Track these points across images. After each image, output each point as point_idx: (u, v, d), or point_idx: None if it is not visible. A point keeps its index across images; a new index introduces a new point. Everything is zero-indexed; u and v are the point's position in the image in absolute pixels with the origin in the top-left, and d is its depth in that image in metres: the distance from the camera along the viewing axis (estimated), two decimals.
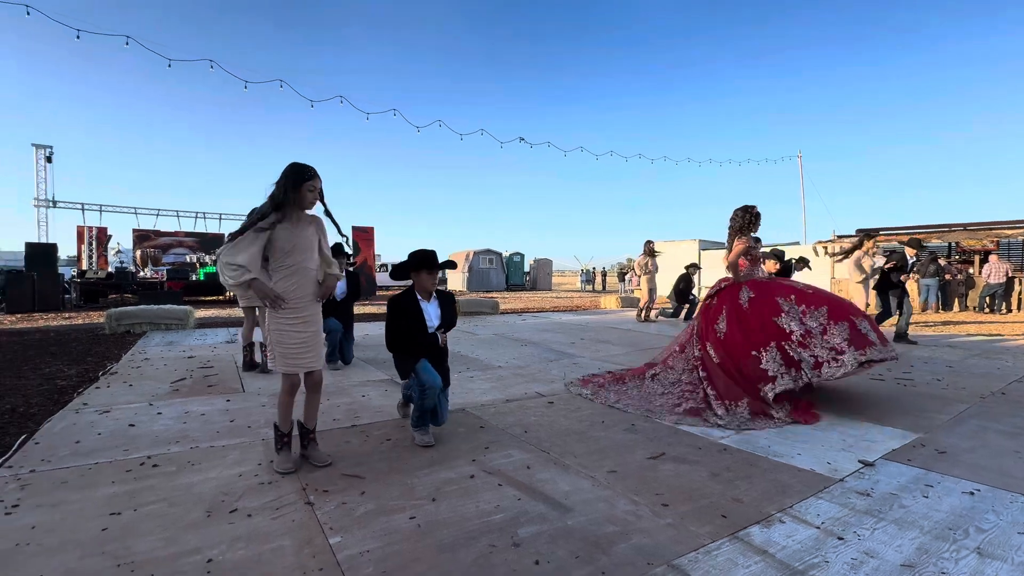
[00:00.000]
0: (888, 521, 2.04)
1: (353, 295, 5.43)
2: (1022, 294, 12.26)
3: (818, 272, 14.51)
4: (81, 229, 20.11)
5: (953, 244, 17.44)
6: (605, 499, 2.23)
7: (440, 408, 3.02)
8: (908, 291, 7.02)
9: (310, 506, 2.14)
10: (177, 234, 22.77)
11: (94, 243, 19.87)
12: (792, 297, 3.79)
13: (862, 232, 7.77)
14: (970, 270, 14.77)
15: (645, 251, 9.88)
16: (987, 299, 12.33)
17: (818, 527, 1.99)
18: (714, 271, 15.76)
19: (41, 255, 12.38)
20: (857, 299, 6.63)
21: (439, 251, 3.12)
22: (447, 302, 3.21)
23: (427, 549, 1.82)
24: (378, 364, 5.27)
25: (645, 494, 2.28)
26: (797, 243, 20.67)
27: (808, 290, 3.87)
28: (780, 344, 3.62)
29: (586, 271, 30.93)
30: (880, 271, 6.89)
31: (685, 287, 10.21)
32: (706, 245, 20.19)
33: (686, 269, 10.39)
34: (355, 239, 17.14)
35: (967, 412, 3.59)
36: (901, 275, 6.90)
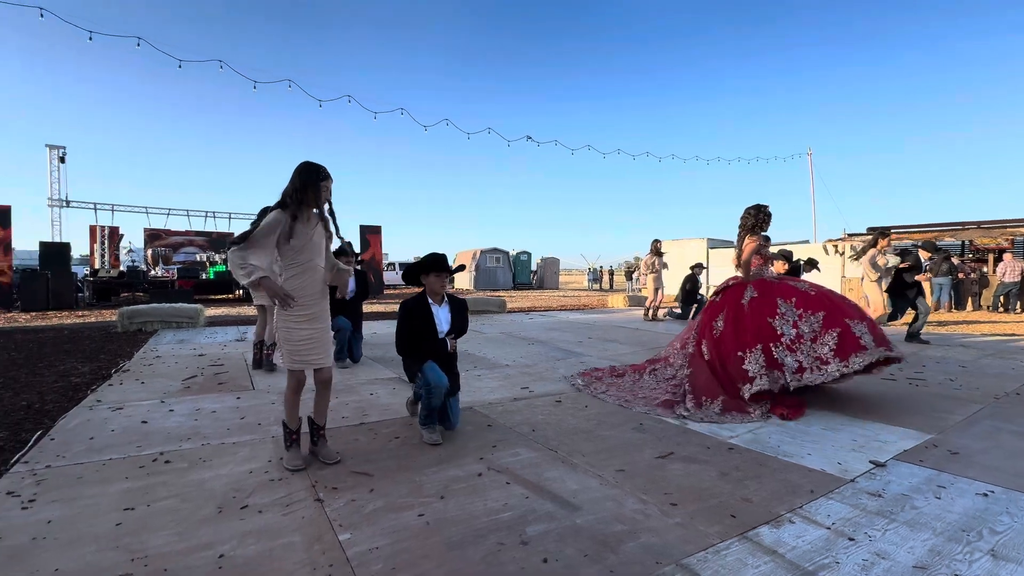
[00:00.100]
0: (900, 522, 2.02)
1: (362, 294, 5.47)
2: None
3: (829, 271, 14.39)
4: (94, 228, 20.35)
5: (967, 242, 17.21)
6: (613, 498, 2.23)
7: (451, 412, 3.04)
8: (923, 291, 6.96)
9: (320, 503, 2.16)
10: (187, 233, 22.98)
11: (106, 242, 20.10)
12: (793, 300, 3.83)
13: (876, 230, 7.70)
14: (984, 269, 14.57)
15: (652, 250, 9.87)
16: (1001, 298, 12.16)
17: (828, 528, 1.97)
18: (722, 270, 15.67)
19: (55, 254, 12.60)
20: (871, 298, 6.56)
21: (446, 250, 3.14)
22: (459, 308, 3.21)
23: (436, 546, 1.83)
24: (386, 362, 5.30)
25: (654, 493, 2.28)
26: (807, 241, 20.49)
27: (812, 292, 3.88)
28: (768, 345, 3.68)
29: (593, 270, 30.86)
30: (895, 270, 6.82)
31: (692, 288, 10.16)
32: (714, 243, 20.04)
33: (691, 269, 10.35)
34: (363, 235, 17.20)
35: (981, 413, 3.54)
36: (915, 275, 6.86)
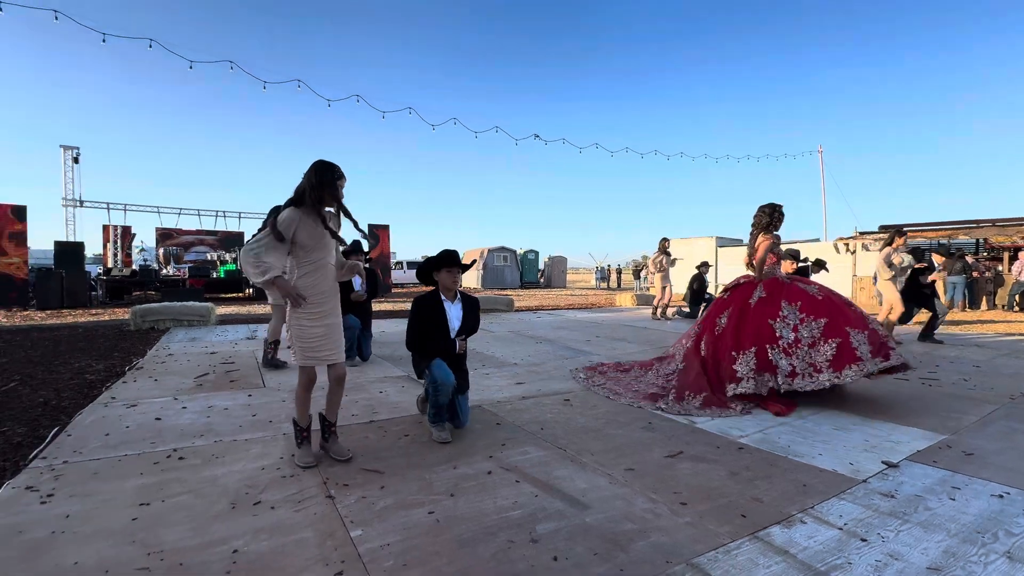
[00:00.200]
0: (913, 523, 2.00)
1: (371, 292, 5.49)
2: None
3: (839, 270, 14.24)
4: (107, 228, 20.60)
5: (981, 241, 16.96)
6: (623, 497, 2.23)
7: (460, 410, 3.05)
8: (937, 292, 7.03)
9: (331, 499, 2.18)
10: (198, 232, 23.18)
11: (119, 241, 20.33)
12: (798, 303, 3.81)
13: (891, 228, 7.67)
14: (999, 267, 14.34)
15: (660, 249, 9.83)
16: (1017, 297, 11.98)
17: (840, 528, 1.96)
18: (732, 268, 15.56)
19: (70, 253, 12.80)
20: (885, 296, 6.53)
21: (453, 248, 3.13)
22: (471, 306, 3.21)
23: (446, 543, 1.84)
24: (395, 361, 5.32)
25: (663, 492, 2.27)
26: (817, 239, 20.29)
27: (819, 296, 3.84)
28: (764, 347, 3.68)
29: (600, 268, 30.75)
30: (910, 269, 6.77)
31: (699, 287, 10.11)
32: (723, 242, 19.90)
33: (698, 269, 10.30)
34: (372, 231, 17.26)
35: (996, 413, 3.49)
36: (929, 275, 6.90)
